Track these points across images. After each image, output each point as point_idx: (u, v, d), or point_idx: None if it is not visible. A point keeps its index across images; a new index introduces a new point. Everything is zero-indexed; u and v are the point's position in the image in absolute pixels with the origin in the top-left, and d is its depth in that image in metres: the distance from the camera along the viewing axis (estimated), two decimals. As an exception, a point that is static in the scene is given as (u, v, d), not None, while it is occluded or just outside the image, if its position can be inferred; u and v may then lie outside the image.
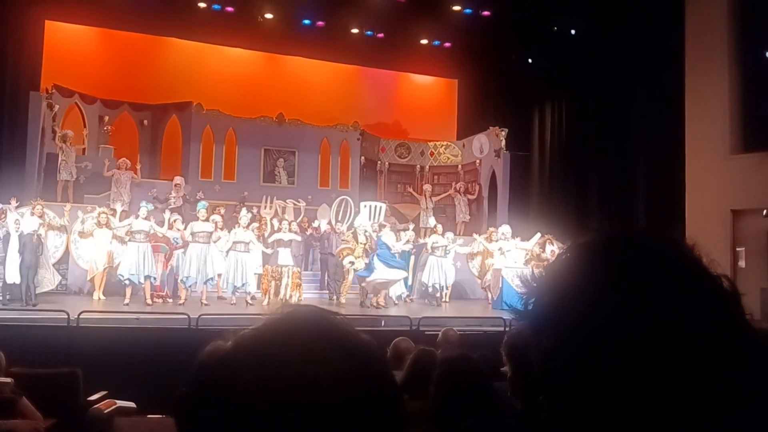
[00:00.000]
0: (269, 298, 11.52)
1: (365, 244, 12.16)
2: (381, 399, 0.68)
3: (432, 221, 13.87)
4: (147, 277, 10.99)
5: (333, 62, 17.98)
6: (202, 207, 11.78)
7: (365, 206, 14.90)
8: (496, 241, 13.44)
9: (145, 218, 11.24)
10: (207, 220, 11.58)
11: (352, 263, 11.95)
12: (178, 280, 11.54)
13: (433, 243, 13.13)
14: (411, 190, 17.04)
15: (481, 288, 13.90)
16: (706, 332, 0.62)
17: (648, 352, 0.62)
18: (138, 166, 14.04)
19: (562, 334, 0.66)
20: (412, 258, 13.39)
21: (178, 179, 13.93)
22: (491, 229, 14.29)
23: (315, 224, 13.90)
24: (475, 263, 14.05)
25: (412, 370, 3.15)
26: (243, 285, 11.50)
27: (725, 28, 13.69)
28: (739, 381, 0.61)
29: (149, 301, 10.89)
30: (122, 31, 16.25)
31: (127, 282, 10.93)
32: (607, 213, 15.34)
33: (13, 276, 10.10)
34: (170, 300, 11.45)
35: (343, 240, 12.57)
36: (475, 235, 13.94)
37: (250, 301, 11.48)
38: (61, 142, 13.61)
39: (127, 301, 10.75)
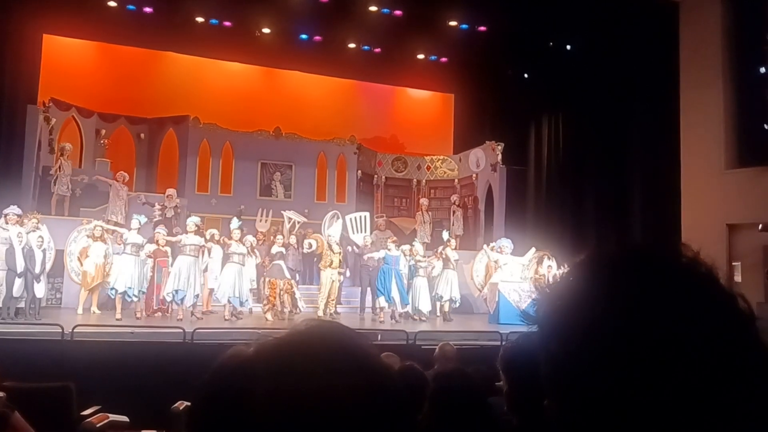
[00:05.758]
0: (267, 310, 11.47)
1: (340, 254, 12.35)
2: (394, 418, 0.69)
3: (446, 235, 13.86)
4: (141, 292, 10.91)
5: (330, 77, 18.05)
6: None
7: (349, 219, 14.76)
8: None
9: (138, 231, 11.17)
10: (202, 234, 11.53)
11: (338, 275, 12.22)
12: (166, 293, 11.34)
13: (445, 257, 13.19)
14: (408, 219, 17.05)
15: (482, 300, 13.92)
16: (719, 350, 0.62)
17: (658, 365, 0.61)
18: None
19: (571, 340, 0.66)
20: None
21: (170, 191, 13.88)
22: (492, 244, 14.29)
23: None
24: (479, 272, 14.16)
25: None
26: (245, 302, 11.46)
27: (720, 44, 13.81)
28: (751, 398, 0.61)
29: (138, 315, 10.78)
30: (120, 45, 16.32)
31: (119, 295, 10.80)
32: (603, 227, 15.36)
33: (18, 290, 10.00)
34: (168, 315, 11.36)
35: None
36: (485, 247, 14.01)
37: (238, 315, 11.37)
38: (59, 156, 13.56)
39: (118, 315, 10.57)
